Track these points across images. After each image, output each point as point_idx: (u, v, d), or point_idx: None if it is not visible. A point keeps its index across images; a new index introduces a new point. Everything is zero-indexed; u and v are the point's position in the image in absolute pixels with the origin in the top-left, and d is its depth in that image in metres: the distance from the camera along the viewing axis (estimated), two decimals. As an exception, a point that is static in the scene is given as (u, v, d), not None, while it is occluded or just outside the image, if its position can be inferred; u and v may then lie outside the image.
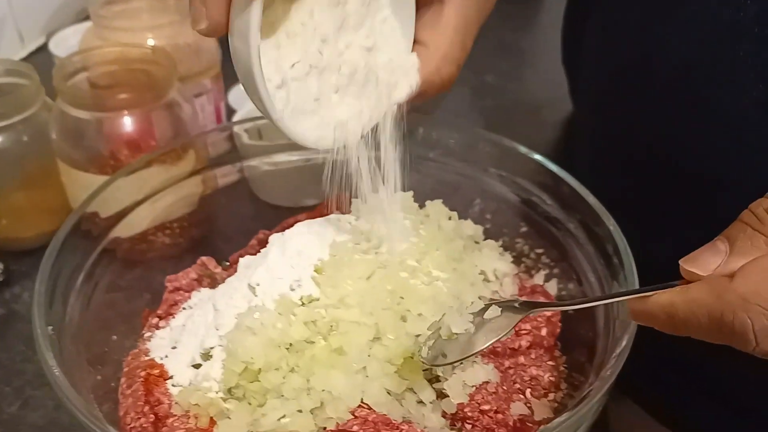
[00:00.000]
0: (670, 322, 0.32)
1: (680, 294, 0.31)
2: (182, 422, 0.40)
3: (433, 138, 0.57)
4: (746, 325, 0.29)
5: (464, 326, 0.38)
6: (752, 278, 0.29)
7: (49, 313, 0.42)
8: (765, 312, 0.28)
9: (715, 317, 0.30)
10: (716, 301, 0.30)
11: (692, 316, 0.31)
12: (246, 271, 0.44)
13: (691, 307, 0.31)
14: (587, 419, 0.37)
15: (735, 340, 0.30)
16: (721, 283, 0.30)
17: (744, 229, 0.32)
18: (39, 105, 0.61)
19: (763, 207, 0.31)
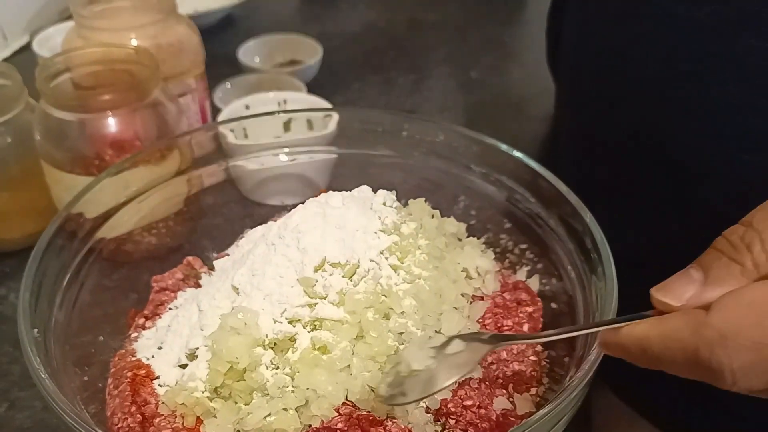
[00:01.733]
0: (643, 355, 0.30)
1: (654, 327, 0.30)
2: (169, 422, 0.40)
3: (416, 136, 0.57)
4: (723, 363, 0.27)
5: (425, 362, 0.36)
6: (730, 313, 0.28)
7: (34, 314, 0.42)
8: (744, 350, 0.27)
9: (690, 353, 0.28)
10: (692, 336, 0.28)
11: (666, 350, 0.29)
12: (227, 272, 0.45)
13: (666, 342, 0.29)
14: (568, 412, 0.38)
15: (711, 377, 0.28)
16: (697, 317, 0.28)
17: (719, 257, 0.30)
18: (22, 106, 0.61)
19: (737, 234, 0.30)
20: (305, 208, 0.45)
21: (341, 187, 0.50)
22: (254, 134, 0.61)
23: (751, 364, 0.27)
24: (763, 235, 0.29)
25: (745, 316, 0.27)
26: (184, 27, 0.69)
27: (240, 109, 0.74)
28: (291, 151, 0.60)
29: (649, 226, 0.53)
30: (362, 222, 0.44)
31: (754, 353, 0.27)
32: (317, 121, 0.64)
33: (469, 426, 0.40)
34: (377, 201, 0.47)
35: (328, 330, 0.40)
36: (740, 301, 0.28)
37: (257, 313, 0.41)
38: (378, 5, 1.15)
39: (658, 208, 0.51)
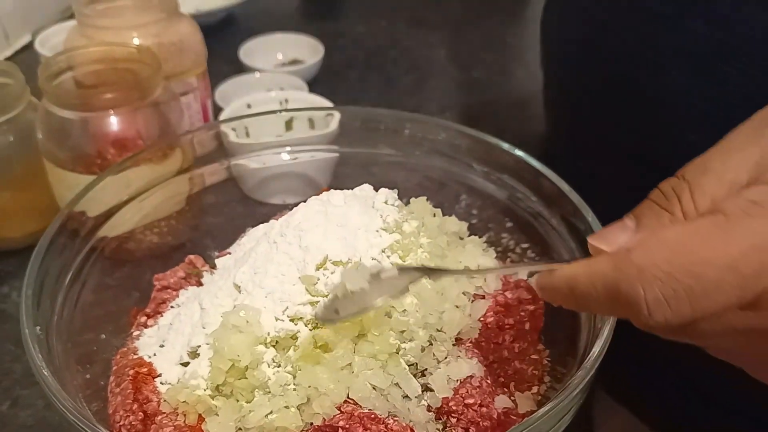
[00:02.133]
0: (571, 295, 0.32)
1: (582, 266, 0.31)
2: (171, 419, 0.40)
3: (419, 135, 0.57)
4: (639, 294, 0.29)
5: (359, 284, 0.38)
6: (649, 249, 0.29)
7: (36, 312, 0.42)
8: (658, 282, 0.28)
9: (611, 287, 0.30)
10: (613, 271, 0.29)
11: (591, 287, 0.30)
12: (229, 270, 0.45)
13: (591, 279, 0.31)
14: (569, 410, 0.38)
15: (630, 310, 0.29)
16: (621, 254, 0.30)
17: (651, 206, 0.32)
18: (24, 105, 0.61)
19: (670, 185, 0.32)
20: (307, 206, 0.45)
21: (343, 185, 0.50)
22: (256, 133, 0.61)
23: (663, 295, 0.28)
24: (692, 186, 0.31)
25: (660, 250, 0.29)
26: (186, 26, 0.69)
27: (242, 108, 0.74)
28: (293, 150, 0.60)
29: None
30: (364, 220, 0.44)
31: (667, 285, 0.28)
32: (319, 120, 0.64)
33: (471, 424, 0.40)
34: (379, 199, 0.47)
35: (330, 328, 0.40)
36: (658, 239, 0.29)
37: (259, 311, 0.41)
38: (379, 4, 1.15)
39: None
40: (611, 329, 0.39)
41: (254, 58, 0.92)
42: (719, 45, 0.43)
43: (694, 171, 0.31)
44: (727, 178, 0.30)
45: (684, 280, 0.28)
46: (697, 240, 0.28)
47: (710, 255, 0.28)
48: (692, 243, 0.28)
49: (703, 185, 0.31)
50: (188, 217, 0.59)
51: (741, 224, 0.28)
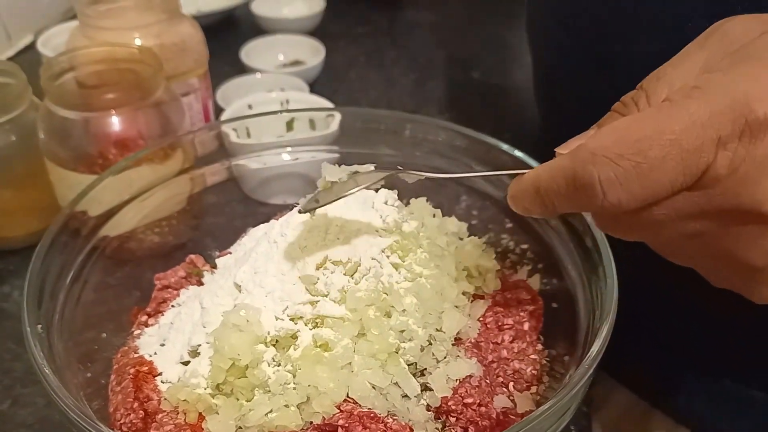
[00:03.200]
0: (536, 194, 0.34)
1: (544, 166, 0.34)
2: (171, 418, 0.40)
3: (419, 136, 0.58)
4: (593, 176, 0.30)
5: (338, 175, 0.40)
6: (602, 134, 0.31)
7: (38, 311, 0.42)
8: (609, 162, 0.30)
9: (569, 176, 0.31)
10: (570, 161, 0.31)
11: (553, 181, 0.33)
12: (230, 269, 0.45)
13: (552, 173, 0.33)
14: (568, 409, 0.38)
15: (586, 195, 0.31)
16: (578, 146, 0.32)
17: (612, 115, 0.34)
18: (26, 105, 0.61)
19: (630, 96, 0.34)
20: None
21: (343, 186, 0.50)
22: (257, 133, 0.62)
23: (615, 174, 0.30)
24: (648, 92, 0.33)
25: (610, 135, 0.30)
26: (188, 27, 0.69)
27: (243, 109, 0.74)
28: (293, 150, 0.60)
29: None
30: (364, 221, 0.44)
31: (617, 164, 0.30)
32: (320, 121, 0.64)
33: (470, 424, 0.40)
34: (379, 200, 0.47)
35: (330, 327, 0.41)
36: (610, 126, 0.31)
37: (259, 311, 0.41)
38: (380, 5, 1.15)
39: None
40: (610, 329, 0.40)
41: (255, 59, 0.93)
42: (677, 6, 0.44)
43: (649, 80, 0.34)
44: (678, 83, 0.32)
45: (632, 157, 0.29)
46: (643, 121, 0.30)
47: (654, 133, 0.29)
48: (638, 125, 0.30)
49: (657, 90, 0.33)
50: (189, 217, 0.59)
51: (682, 104, 0.30)
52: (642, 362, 0.58)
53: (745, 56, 0.31)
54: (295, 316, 0.41)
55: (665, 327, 0.54)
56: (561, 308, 0.48)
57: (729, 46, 0.32)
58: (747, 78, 0.29)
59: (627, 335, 0.46)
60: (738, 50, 0.32)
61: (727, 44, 0.32)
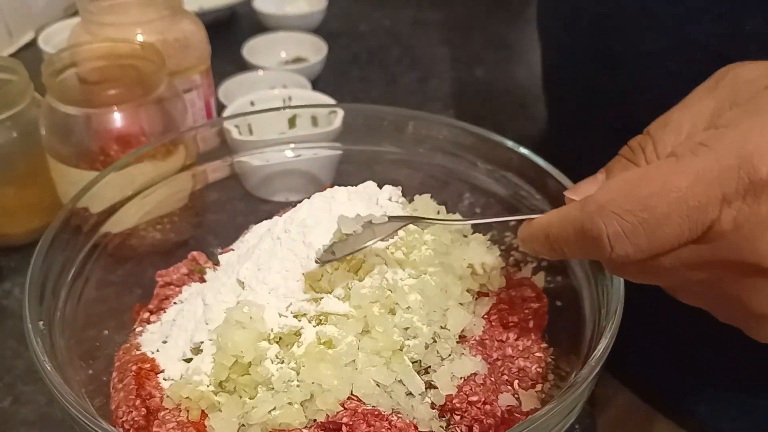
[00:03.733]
0: (546, 241, 0.35)
1: (555, 214, 0.34)
2: (173, 415, 0.40)
3: (422, 133, 0.57)
4: (601, 230, 0.31)
5: (353, 228, 0.40)
6: (609, 188, 0.32)
7: (39, 308, 0.42)
8: (616, 217, 0.31)
9: (578, 227, 0.32)
10: (579, 212, 0.32)
11: (563, 230, 0.33)
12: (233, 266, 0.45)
13: (562, 222, 0.34)
14: (573, 408, 0.38)
15: (594, 247, 0.32)
16: (587, 197, 0.32)
17: (620, 160, 0.35)
18: (28, 101, 0.61)
19: (636, 141, 0.34)
20: (311, 202, 0.45)
21: (346, 183, 0.50)
22: (259, 130, 0.61)
23: (622, 228, 0.31)
24: (655, 139, 0.34)
25: (618, 189, 0.31)
26: (190, 23, 0.69)
27: (245, 106, 0.74)
28: (296, 147, 0.60)
29: None
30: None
31: (624, 219, 0.30)
32: (322, 118, 0.64)
33: (474, 422, 0.40)
34: (383, 196, 0.47)
35: (334, 324, 0.40)
36: (618, 179, 0.32)
37: (262, 307, 0.41)
38: (383, 3, 1.15)
39: None
40: (616, 327, 0.39)
41: (258, 56, 0.92)
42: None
43: (656, 126, 0.34)
44: (685, 130, 0.33)
45: (639, 213, 0.30)
46: (650, 177, 0.31)
47: (661, 189, 0.30)
48: (645, 180, 0.31)
49: (664, 137, 0.33)
50: (191, 214, 0.59)
51: (688, 162, 0.30)
52: (645, 364, 0.57)
53: (752, 110, 0.31)
54: (298, 313, 0.41)
55: (669, 329, 0.54)
56: (566, 306, 0.48)
57: (738, 94, 0.33)
58: (752, 135, 0.30)
59: (632, 336, 0.46)
60: (747, 102, 0.32)
61: (736, 92, 0.33)
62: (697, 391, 0.55)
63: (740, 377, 0.52)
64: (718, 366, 0.53)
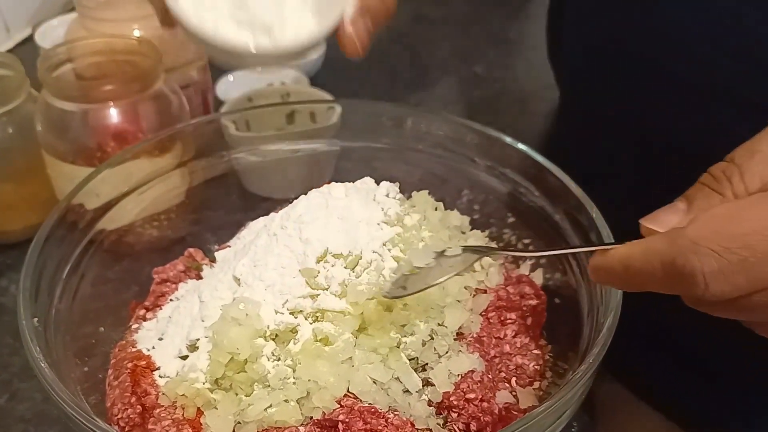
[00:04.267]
0: (626, 273, 0.33)
1: (637, 245, 0.32)
2: (169, 413, 0.40)
3: (421, 129, 0.57)
4: (695, 267, 0.29)
5: (425, 261, 0.39)
6: (703, 224, 0.30)
7: (34, 305, 0.42)
8: (714, 254, 0.29)
9: (668, 263, 0.30)
10: (669, 247, 0.30)
11: (647, 264, 0.31)
12: (229, 263, 0.44)
13: (647, 256, 0.31)
14: (571, 405, 0.38)
15: (686, 284, 0.30)
16: (675, 231, 0.31)
17: (702, 188, 0.33)
18: (24, 97, 0.61)
19: (720, 168, 0.33)
20: (308, 198, 0.45)
21: (344, 179, 0.50)
22: (257, 126, 0.61)
23: (719, 267, 0.29)
24: (742, 168, 0.32)
25: (713, 224, 0.30)
26: (187, 18, 0.68)
27: (242, 102, 0.74)
28: (294, 143, 0.60)
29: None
30: (365, 213, 0.44)
31: (722, 257, 0.29)
32: (320, 113, 0.64)
33: (472, 419, 0.40)
34: (380, 192, 0.47)
35: (330, 321, 0.40)
36: (711, 214, 0.30)
37: (259, 304, 0.41)
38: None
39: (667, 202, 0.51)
40: (613, 325, 0.39)
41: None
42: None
43: (743, 154, 0.32)
44: None
45: (739, 252, 0.29)
46: (750, 212, 0.29)
47: (761, 227, 0.29)
48: (745, 216, 0.29)
49: (752, 168, 0.32)
50: (188, 211, 0.59)
51: None
52: (644, 364, 0.57)
53: None
54: (295, 309, 0.41)
55: (668, 328, 0.54)
56: (564, 303, 0.47)
57: None
58: None
59: (630, 335, 0.46)
60: None
61: None
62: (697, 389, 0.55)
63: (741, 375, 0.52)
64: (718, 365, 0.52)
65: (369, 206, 0.44)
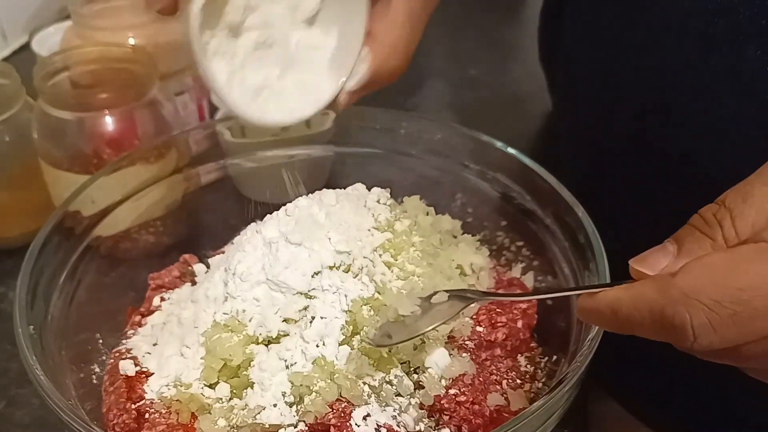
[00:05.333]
0: (614, 318, 0.32)
1: (626, 290, 0.32)
2: (164, 418, 0.40)
3: (414, 134, 0.57)
4: (685, 319, 0.29)
5: (410, 309, 0.39)
6: (694, 274, 0.29)
7: (30, 312, 0.42)
8: (704, 308, 0.29)
9: (657, 312, 0.30)
10: (659, 296, 0.30)
11: (635, 311, 0.31)
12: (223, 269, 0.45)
13: (635, 302, 0.31)
14: (560, 407, 0.38)
15: (675, 335, 0.30)
16: (665, 279, 0.30)
17: (692, 232, 0.32)
18: (20, 105, 0.61)
19: (711, 212, 0.32)
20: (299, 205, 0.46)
21: (339, 184, 0.50)
22: (252, 132, 0.61)
23: (710, 321, 0.29)
24: (733, 213, 0.31)
25: (704, 275, 0.29)
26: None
27: (238, 108, 0.74)
28: (289, 149, 0.60)
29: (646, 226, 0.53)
30: (356, 219, 0.44)
31: (713, 311, 0.29)
32: (315, 119, 0.64)
33: (463, 422, 0.40)
34: (371, 198, 0.47)
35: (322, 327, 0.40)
36: (702, 265, 0.30)
37: (251, 311, 0.41)
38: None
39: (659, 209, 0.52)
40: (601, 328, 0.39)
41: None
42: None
43: (735, 198, 0.32)
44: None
45: (730, 306, 0.28)
46: (743, 266, 0.29)
47: (757, 282, 0.28)
48: (738, 269, 0.29)
49: (744, 213, 0.31)
50: (184, 217, 0.59)
51: None
52: (633, 376, 0.57)
53: None
54: (286, 315, 0.41)
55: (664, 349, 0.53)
56: (555, 306, 0.48)
57: None
58: None
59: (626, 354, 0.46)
60: None
61: None
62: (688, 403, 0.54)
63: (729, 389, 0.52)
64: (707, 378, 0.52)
65: (360, 212, 0.45)
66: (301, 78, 0.43)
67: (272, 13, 0.41)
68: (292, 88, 0.43)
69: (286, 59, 0.43)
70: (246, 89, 0.41)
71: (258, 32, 0.41)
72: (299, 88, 0.43)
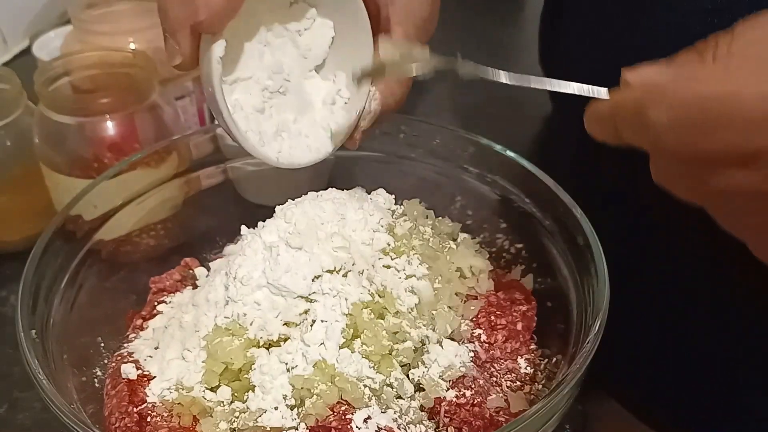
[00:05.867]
0: (611, 121, 0.35)
1: (616, 93, 0.34)
2: (166, 421, 0.40)
3: (413, 138, 0.58)
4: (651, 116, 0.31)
5: (392, 55, 0.41)
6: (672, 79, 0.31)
7: (32, 316, 0.42)
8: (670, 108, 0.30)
9: (639, 106, 0.32)
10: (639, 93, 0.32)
11: (621, 109, 0.34)
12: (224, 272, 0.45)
13: (624, 100, 0.33)
14: (560, 408, 0.38)
15: (644, 130, 0.32)
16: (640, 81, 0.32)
17: (689, 49, 0.33)
18: (21, 110, 0.61)
19: (714, 35, 0.33)
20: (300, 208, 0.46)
21: (339, 187, 0.50)
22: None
23: (677, 117, 0.31)
24: (734, 32, 0.31)
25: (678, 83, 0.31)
26: (182, 30, 0.69)
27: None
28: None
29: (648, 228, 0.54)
30: (357, 223, 0.44)
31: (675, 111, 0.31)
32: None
33: (463, 424, 0.40)
34: (371, 201, 0.47)
35: (323, 330, 0.41)
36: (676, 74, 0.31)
37: (252, 314, 0.41)
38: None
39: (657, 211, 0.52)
40: (601, 327, 0.40)
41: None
42: None
43: (744, 24, 0.32)
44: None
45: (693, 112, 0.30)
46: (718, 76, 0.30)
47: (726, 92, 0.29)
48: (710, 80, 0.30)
49: (747, 34, 0.31)
50: (184, 220, 0.59)
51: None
52: (633, 376, 0.57)
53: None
54: (287, 319, 0.41)
55: (656, 331, 0.54)
56: (554, 307, 0.48)
57: None
58: None
59: (626, 353, 0.46)
60: None
61: None
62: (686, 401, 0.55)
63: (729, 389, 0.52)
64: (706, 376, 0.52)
65: (360, 215, 0.45)
66: (313, 118, 0.44)
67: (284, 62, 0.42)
68: (308, 129, 0.44)
69: (300, 105, 0.43)
70: (264, 134, 0.42)
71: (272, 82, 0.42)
72: (314, 128, 0.44)
